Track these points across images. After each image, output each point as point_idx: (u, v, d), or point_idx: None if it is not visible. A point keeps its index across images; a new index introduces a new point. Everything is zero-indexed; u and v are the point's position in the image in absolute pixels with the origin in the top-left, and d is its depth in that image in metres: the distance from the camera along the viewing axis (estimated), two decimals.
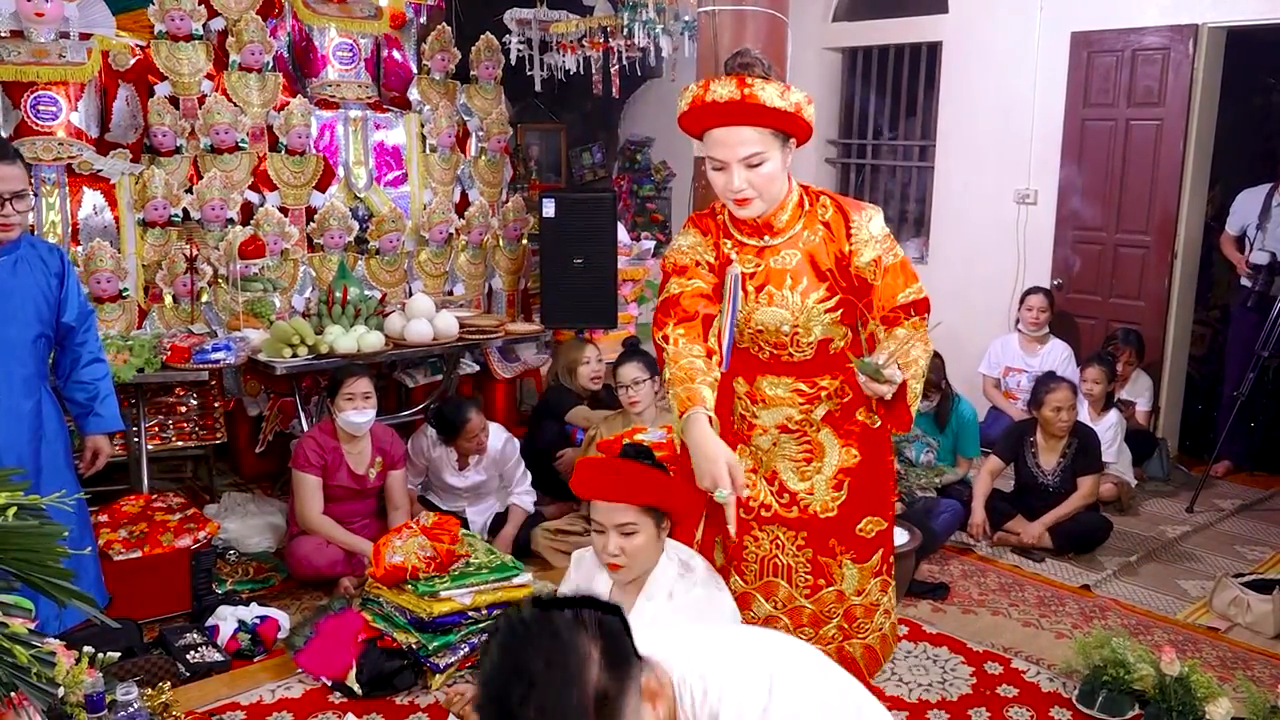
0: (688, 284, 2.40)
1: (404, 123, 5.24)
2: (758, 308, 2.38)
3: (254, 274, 4.66)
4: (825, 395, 2.43)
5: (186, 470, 4.98)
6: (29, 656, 1.57)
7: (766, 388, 2.45)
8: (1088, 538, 4.37)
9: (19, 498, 1.65)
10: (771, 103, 2.19)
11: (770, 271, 2.38)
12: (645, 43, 5.34)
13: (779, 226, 2.37)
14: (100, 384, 3.23)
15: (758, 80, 2.20)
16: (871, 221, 2.40)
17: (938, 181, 6.31)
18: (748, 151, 2.24)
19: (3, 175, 2.90)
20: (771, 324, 2.37)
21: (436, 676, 3.16)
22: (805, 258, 2.37)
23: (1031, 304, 5.48)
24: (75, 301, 3.18)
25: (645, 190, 8.11)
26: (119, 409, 3.33)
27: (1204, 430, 5.79)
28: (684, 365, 2.27)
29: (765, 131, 2.24)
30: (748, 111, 2.21)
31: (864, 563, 2.49)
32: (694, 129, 2.32)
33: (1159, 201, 5.42)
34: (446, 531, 3.33)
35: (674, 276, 2.43)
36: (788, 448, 2.45)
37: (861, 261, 2.36)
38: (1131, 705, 3.05)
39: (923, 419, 4.72)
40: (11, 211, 2.93)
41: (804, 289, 2.36)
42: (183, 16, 4.62)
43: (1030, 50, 5.72)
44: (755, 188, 2.28)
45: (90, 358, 3.22)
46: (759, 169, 2.26)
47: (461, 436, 4.19)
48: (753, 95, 2.18)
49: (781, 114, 2.21)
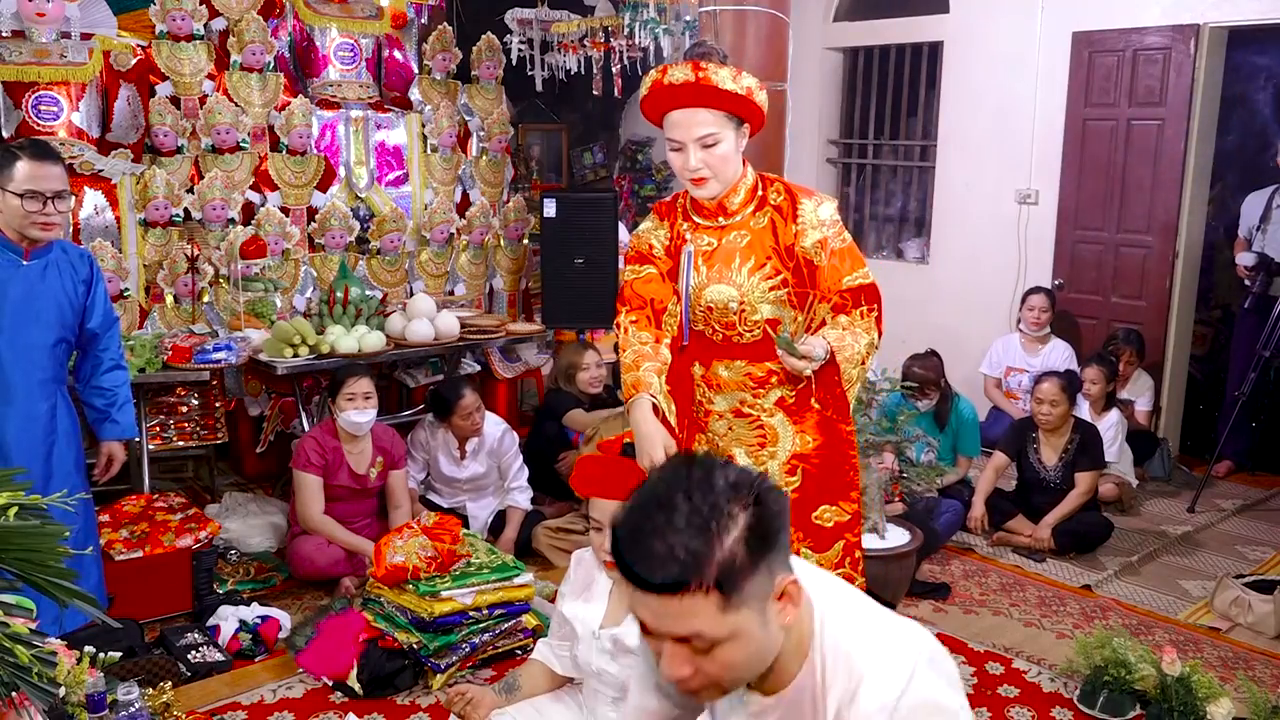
0: (640, 270, 2.59)
1: (405, 123, 5.24)
2: (708, 284, 2.51)
3: (255, 274, 4.66)
4: (777, 380, 2.53)
5: (187, 470, 4.98)
6: (30, 656, 1.57)
7: (721, 370, 2.56)
8: (1089, 538, 4.37)
9: (20, 497, 1.65)
10: (724, 85, 2.35)
11: (722, 250, 2.52)
12: (646, 43, 5.33)
13: (732, 209, 2.52)
14: (120, 391, 3.22)
15: (711, 65, 2.35)
16: (820, 207, 2.51)
17: (939, 181, 6.31)
18: (703, 131, 2.39)
19: (45, 174, 2.89)
20: (720, 300, 2.50)
21: (437, 676, 3.16)
22: (754, 238, 2.50)
23: (1033, 304, 5.48)
24: (101, 309, 3.17)
25: (646, 190, 8.11)
26: (134, 417, 3.31)
27: (1205, 430, 5.79)
28: (635, 350, 2.46)
29: (719, 114, 2.39)
30: (702, 94, 2.36)
31: (822, 552, 2.56)
32: (653, 113, 2.46)
33: (1160, 201, 5.41)
34: (447, 531, 3.33)
35: (629, 264, 2.61)
36: (741, 432, 2.56)
37: (806, 243, 2.48)
38: (1133, 705, 3.05)
39: (923, 418, 4.72)
40: (53, 211, 2.92)
41: (750, 267, 2.48)
42: (184, 16, 4.63)
43: (1031, 50, 5.72)
44: (710, 167, 2.42)
45: (111, 364, 3.22)
46: (713, 149, 2.40)
47: (456, 414, 4.20)
48: (706, 78, 2.34)
49: (734, 96, 2.36)
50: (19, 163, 2.87)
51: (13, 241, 2.94)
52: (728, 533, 1.30)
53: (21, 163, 2.87)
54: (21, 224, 2.90)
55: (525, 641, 3.35)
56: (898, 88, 6.61)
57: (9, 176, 2.87)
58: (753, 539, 1.31)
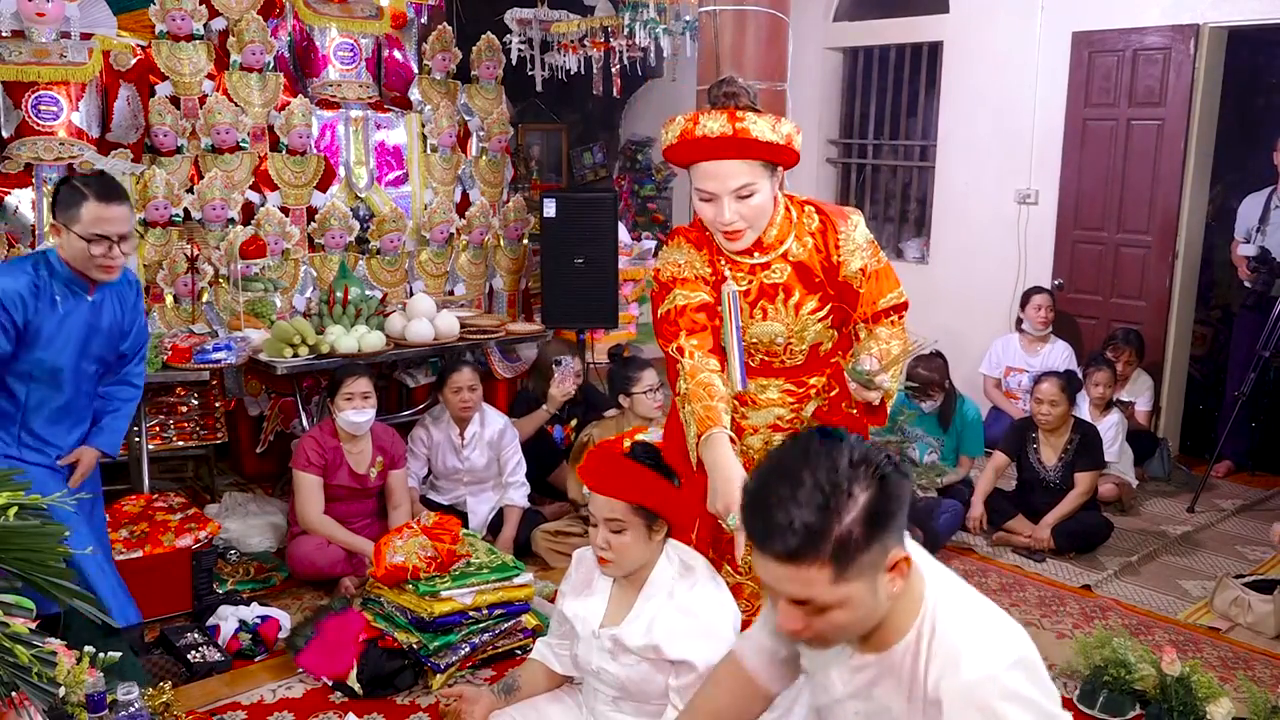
0: (693, 296, 2.39)
1: (405, 123, 5.24)
2: (752, 323, 2.42)
3: (255, 274, 4.66)
4: (814, 393, 2.49)
5: (187, 470, 4.98)
6: (30, 656, 1.57)
7: (756, 391, 2.49)
8: (1089, 537, 4.37)
9: (20, 498, 1.66)
10: (764, 137, 2.20)
11: (763, 287, 2.40)
12: (646, 43, 5.34)
13: (768, 243, 2.39)
14: (123, 406, 3.19)
15: (749, 114, 2.20)
16: (856, 230, 2.42)
17: (938, 181, 6.31)
18: (738, 183, 2.25)
19: (112, 217, 2.84)
20: (766, 336, 2.42)
21: (437, 676, 3.16)
22: (795, 270, 2.40)
23: (1039, 303, 5.48)
24: (138, 335, 3.18)
25: (646, 190, 8.12)
26: (121, 438, 3.24)
27: (1205, 430, 5.79)
28: (701, 380, 2.27)
29: (755, 164, 2.25)
30: (739, 146, 2.20)
31: None
32: (681, 161, 2.31)
33: (1160, 201, 5.42)
34: (447, 531, 3.33)
35: (678, 288, 2.41)
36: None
37: (850, 271, 2.40)
38: (1132, 705, 3.05)
39: (926, 419, 4.73)
40: (118, 254, 2.88)
41: (796, 301, 2.40)
42: (184, 16, 4.62)
43: (1031, 50, 5.72)
44: (745, 219, 2.29)
45: (128, 379, 3.20)
46: (749, 200, 2.27)
47: (447, 387, 4.25)
48: (745, 130, 2.19)
49: (773, 146, 2.22)
50: (85, 204, 2.80)
51: (78, 275, 2.91)
52: (847, 511, 1.39)
53: (89, 204, 2.80)
54: (85, 265, 2.86)
55: (525, 641, 3.35)
56: (898, 88, 6.61)
57: (75, 218, 2.81)
58: (870, 518, 1.40)
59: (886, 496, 1.42)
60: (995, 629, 1.52)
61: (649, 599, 2.29)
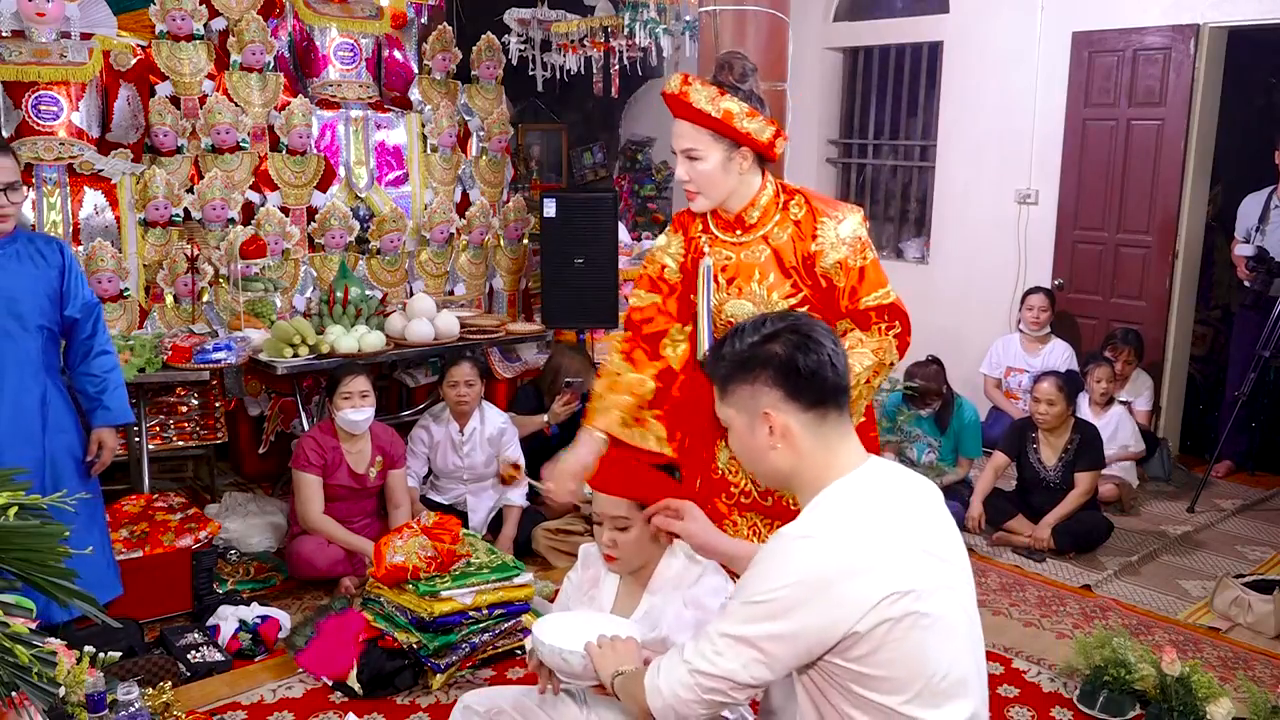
0: (644, 299, 2.62)
1: (405, 123, 5.24)
2: (728, 298, 2.50)
3: (255, 274, 4.66)
4: None
5: (187, 470, 4.98)
6: (30, 656, 1.57)
7: None
8: (1089, 537, 4.37)
9: (20, 497, 1.65)
10: (698, 104, 2.32)
11: (740, 265, 2.50)
12: (646, 43, 5.34)
13: (750, 223, 2.49)
14: (109, 376, 3.21)
15: (696, 82, 2.32)
16: (842, 225, 2.43)
17: (938, 181, 6.31)
18: (684, 145, 2.38)
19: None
20: (740, 315, 2.47)
21: (437, 676, 3.16)
22: (772, 254, 2.47)
23: (1033, 304, 5.48)
24: (78, 295, 3.17)
25: (646, 190, 8.12)
26: (128, 402, 3.30)
27: (1205, 430, 5.80)
28: (604, 383, 2.56)
29: (702, 131, 2.36)
30: (683, 108, 2.35)
31: None
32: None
33: (1160, 201, 5.42)
34: (447, 531, 3.33)
35: (637, 288, 2.65)
36: None
37: (826, 264, 2.43)
38: (1132, 705, 3.05)
39: (924, 421, 4.73)
40: (5, 202, 2.93)
41: (770, 284, 2.46)
42: (184, 16, 4.62)
43: (1031, 50, 5.72)
44: (695, 182, 2.41)
45: (98, 350, 3.21)
46: (695, 164, 2.39)
47: (445, 380, 4.27)
48: (685, 94, 2.33)
49: (708, 117, 2.32)
50: None
51: None
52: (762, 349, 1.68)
53: None
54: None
55: (525, 641, 3.35)
56: (898, 88, 6.61)
57: None
58: (745, 361, 1.69)
59: (794, 362, 1.65)
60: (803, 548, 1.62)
61: (653, 594, 2.32)
